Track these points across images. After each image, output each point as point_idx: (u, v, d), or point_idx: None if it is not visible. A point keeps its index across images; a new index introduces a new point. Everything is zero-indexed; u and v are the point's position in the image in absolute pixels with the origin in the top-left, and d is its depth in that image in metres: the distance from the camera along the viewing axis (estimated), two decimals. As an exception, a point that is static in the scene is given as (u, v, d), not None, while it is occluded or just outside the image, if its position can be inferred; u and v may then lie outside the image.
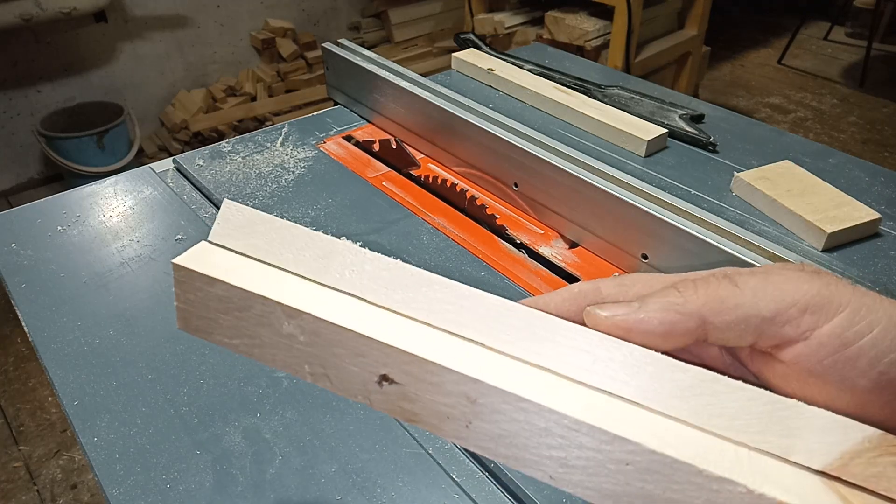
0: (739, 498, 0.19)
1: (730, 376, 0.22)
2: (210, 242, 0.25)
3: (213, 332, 0.25)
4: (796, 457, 0.20)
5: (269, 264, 0.25)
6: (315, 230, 0.25)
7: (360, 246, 0.25)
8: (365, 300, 0.24)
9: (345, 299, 0.24)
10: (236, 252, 0.25)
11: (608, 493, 0.21)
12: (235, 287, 0.24)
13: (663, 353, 0.22)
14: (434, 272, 0.24)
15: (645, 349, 0.22)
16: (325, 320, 0.23)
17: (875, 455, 0.20)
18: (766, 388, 0.22)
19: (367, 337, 0.22)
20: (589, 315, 0.24)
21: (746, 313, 0.22)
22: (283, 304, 0.23)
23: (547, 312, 0.24)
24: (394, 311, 0.23)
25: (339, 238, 0.25)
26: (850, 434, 0.21)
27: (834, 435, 0.21)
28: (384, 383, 0.23)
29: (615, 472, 0.20)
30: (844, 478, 0.20)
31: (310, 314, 0.23)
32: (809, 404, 0.21)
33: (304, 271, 0.24)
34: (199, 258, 0.25)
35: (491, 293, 0.24)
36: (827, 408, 0.21)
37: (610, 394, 0.22)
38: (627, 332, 0.23)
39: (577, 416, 0.20)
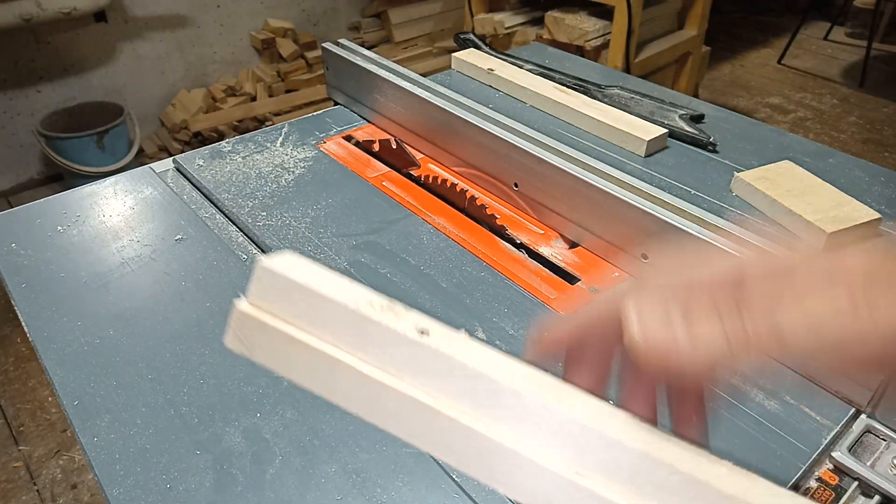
0: None
1: None
2: (248, 304, 0.24)
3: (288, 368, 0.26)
4: None
5: (304, 331, 0.24)
6: (351, 281, 0.24)
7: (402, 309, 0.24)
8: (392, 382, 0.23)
9: (374, 386, 0.23)
10: (273, 315, 0.24)
11: None
12: (280, 373, 0.24)
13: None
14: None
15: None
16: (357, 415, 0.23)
17: None
18: None
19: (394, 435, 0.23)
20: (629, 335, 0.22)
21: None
22: (320, 395, 0.24)
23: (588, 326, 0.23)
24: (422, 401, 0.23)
25: (375, 294, 0.24)
26: None
27: None
28: None
29: None
30: None
31: (343, 408, 0.23)
32: None
33: (339, 343, 0.24)
34: (243, 332, 0.24)
35: (538, 381, 0.22)
36: None
37: None
38: (664, 359, 0.21)
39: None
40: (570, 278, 0.60)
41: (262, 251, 0.62)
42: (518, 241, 0.65)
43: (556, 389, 0.22)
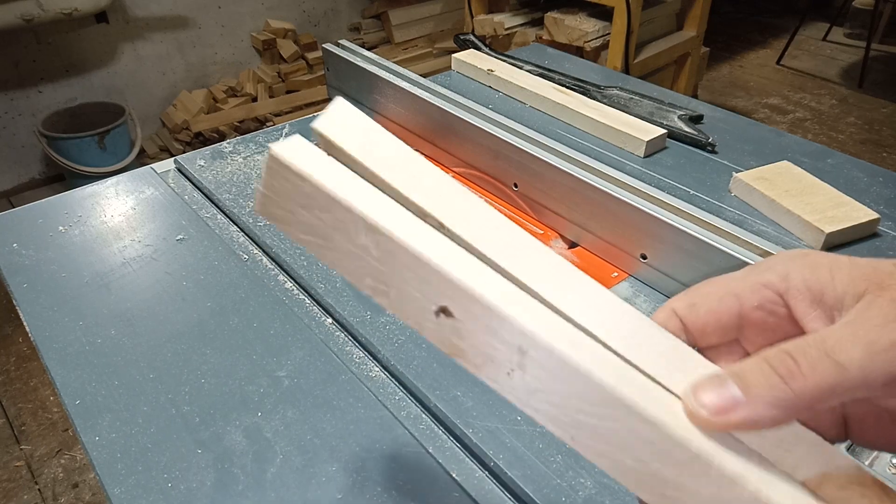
0: (744, 498, 0.20)
1: None
2: (313, 130, 0.26)
3: (288, 224, 0.25)
4: (783, 467, 0.21)
5: (362, 165, 0.25)
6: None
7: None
8: (445, 228, 0.24)
9: (428, 228, 0.24)
10: (335, 144, 0.25)
11: (626, 468, 0.21)
12: (324, 190, 0.24)
13: None
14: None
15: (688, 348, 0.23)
16: (404, 245, 0.23)
17: (847, 482, 0.21)
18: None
19: (443, 272, 0.22)
20: (688, 411, 0.22)
21: (856, 391, 0.21)
22: (366, 218, 0.23)
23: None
24: (470, 247, 0.24)
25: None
26: (832, 460, 0.22)
27: (818, 457, 0.22)
28: (441, 315, 0.23)
29: (638, 449, 0.21)
30: (819, 493, 0.21)
31: (390, 234, 0.23)
32: None
33: (395, 182, 0.24)
34: (297, 150, 0.25)
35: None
36: None
37: (656, 382, 0.22)
38: (738, 429, 0.21)
39: (618, 394, 0.21)
40: (570, 278, 0.60)
41: (264, 251, 0.62)
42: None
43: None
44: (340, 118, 0.26)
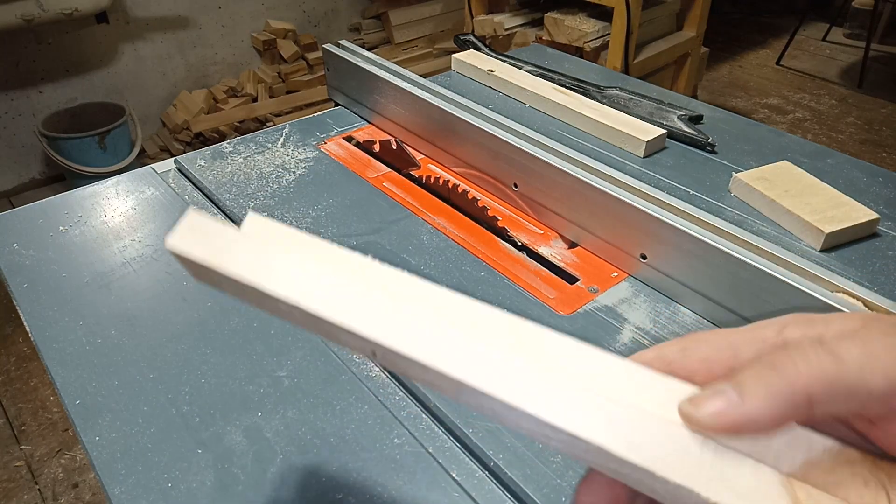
0: (696, 499, 0.20)
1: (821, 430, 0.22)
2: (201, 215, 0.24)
3: (223, 290, 0.25)
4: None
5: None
6: (321, 238, 0.25)
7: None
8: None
9: (335, 285, 0.24)
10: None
11: (589, 462, 0.22)
12: (227, 276, 0.23)
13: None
14: (434, 272, 0.25)
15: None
16: (314, 314, 0.23)
17: (833, 464, 0.21)
18: (873, 447, 0.22)
19: (352, 332, 0.23)
20: (684, 416, 0.21)
21: (856, 391, 0.20)
22: (274, 296, 0.23)
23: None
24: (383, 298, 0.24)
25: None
26: (813, 445, 0.22)
27: (798, 446, 0.21)
28: (375, 356, 0.24)
29: (590, 456, 0.22)
30: (809, 482, 0.21)
31: (298, 307, 0.23)
32: None
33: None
34: (192, 236, 0.23)
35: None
36: None
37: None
38: (736, 430, 0.20)
39: (548, 419, 0.21)
40: (570, 278, 0.60)
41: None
42: (518, 242, 0.65)
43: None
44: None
